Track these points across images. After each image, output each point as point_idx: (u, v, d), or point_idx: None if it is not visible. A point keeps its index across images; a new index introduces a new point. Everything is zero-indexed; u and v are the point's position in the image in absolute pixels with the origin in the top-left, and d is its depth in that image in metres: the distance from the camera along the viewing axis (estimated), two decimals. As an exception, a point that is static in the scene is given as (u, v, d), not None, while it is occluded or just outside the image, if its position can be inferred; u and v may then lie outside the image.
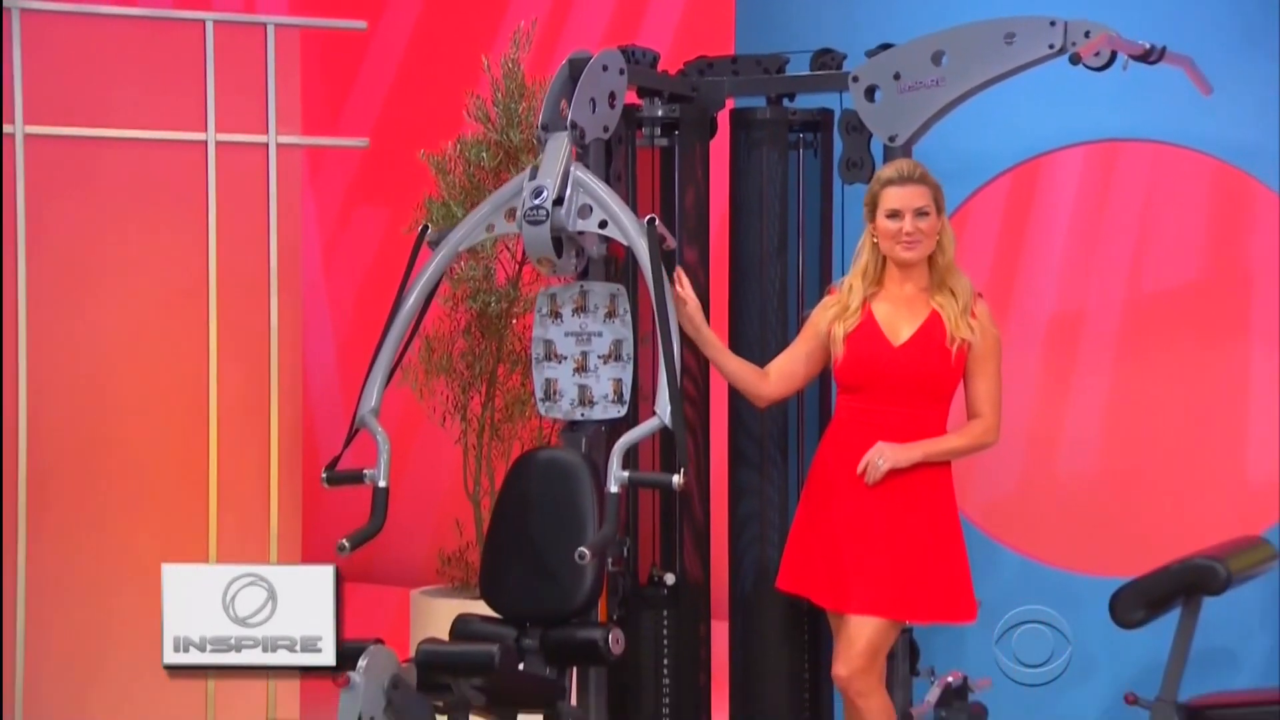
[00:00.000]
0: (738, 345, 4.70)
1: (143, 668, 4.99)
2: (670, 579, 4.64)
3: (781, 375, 4.30)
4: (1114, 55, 4.25)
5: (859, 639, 4.09)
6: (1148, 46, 4.26)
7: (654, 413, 4.11)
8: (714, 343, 4.34)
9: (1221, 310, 5.91)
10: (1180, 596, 4.36)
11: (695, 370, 4.67)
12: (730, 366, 4.33)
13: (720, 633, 4.81)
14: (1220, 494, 5.36)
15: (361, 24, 5.56)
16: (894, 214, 4.08)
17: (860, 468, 4.10)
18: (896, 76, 4.39)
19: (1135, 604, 4.39)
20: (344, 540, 4.26)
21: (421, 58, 8.72)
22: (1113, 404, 6.29)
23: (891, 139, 4.39)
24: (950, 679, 4.52)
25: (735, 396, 4.70)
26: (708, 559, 4.76)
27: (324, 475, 4.39)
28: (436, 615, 5.40)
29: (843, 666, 4.12)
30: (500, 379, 6.10)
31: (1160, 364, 6.06)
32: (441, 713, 3.98)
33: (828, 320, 4.21)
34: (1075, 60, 4.21)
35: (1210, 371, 5.89)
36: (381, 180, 8.26)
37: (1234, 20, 4.86)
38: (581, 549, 4.07)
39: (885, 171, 4.17)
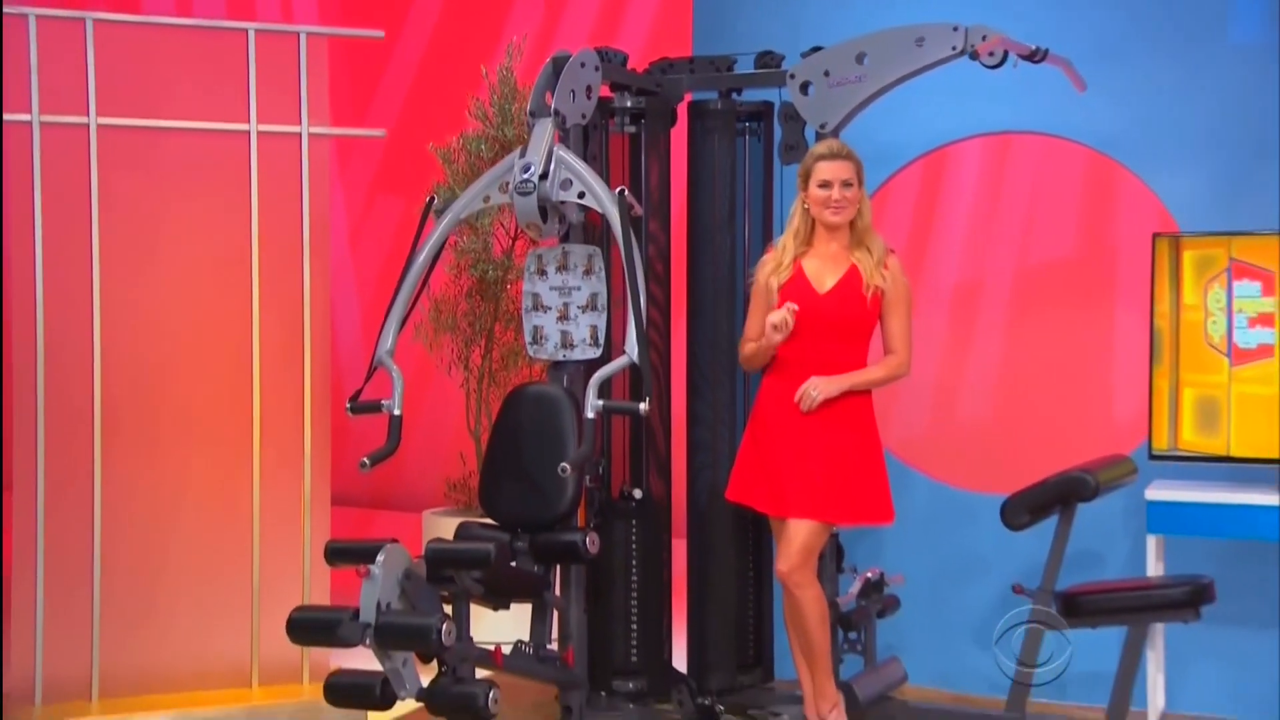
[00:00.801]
0: (695, 299, 4.76)
1: (198, 571, 5.06)
2: (638, 494, 4.71)
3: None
4: (1006, 55, 4.29)
5: (796, 539, 4.15)
6: (1033, 48, 4.31)
7: (624, 352, 4.17)
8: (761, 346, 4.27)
9: (1094, 278, 5.98)
10: (1058, 504, 4.41)
11: (660, 323, 4.72)
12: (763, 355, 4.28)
13: (679, 549, 4.86)
14: (1092, 428, 5.40)
15: (379, 33, 5.53)
16: (825, 184, 4.13)
17: (796, 397, 4.15)
18: (826, 74, 4.43)
19: (1021, 510, 4.43)
20: (365, 458, 4.29)
21: (433, 65, 8.75)
22: (1006, 355, 6.37)
23: (822, 126, 4.43)
24: (870, 575, 4.58)
25: (692, 342, 4.75)
26: (669, 478, 4.82)
27: (348, 405, 4.42)
28: (444, 530, 5.39)
29: (784, 563, 4.17)
30: (497, 335, 6.15)
31: (1044, 323, 6.13)
32: (446, 601, 4.00)
33: (766, 275, 4.25)
34: (974, 57, 4.26)
35: (1085, 329, 5.96)
36: (398, 170, 8.28)
37: (1103, 25, 4.88)
38: (564, 464, 4.13)
39: (818, 149, 4.21)
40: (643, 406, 4.09)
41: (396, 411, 4.37)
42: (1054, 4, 4.86)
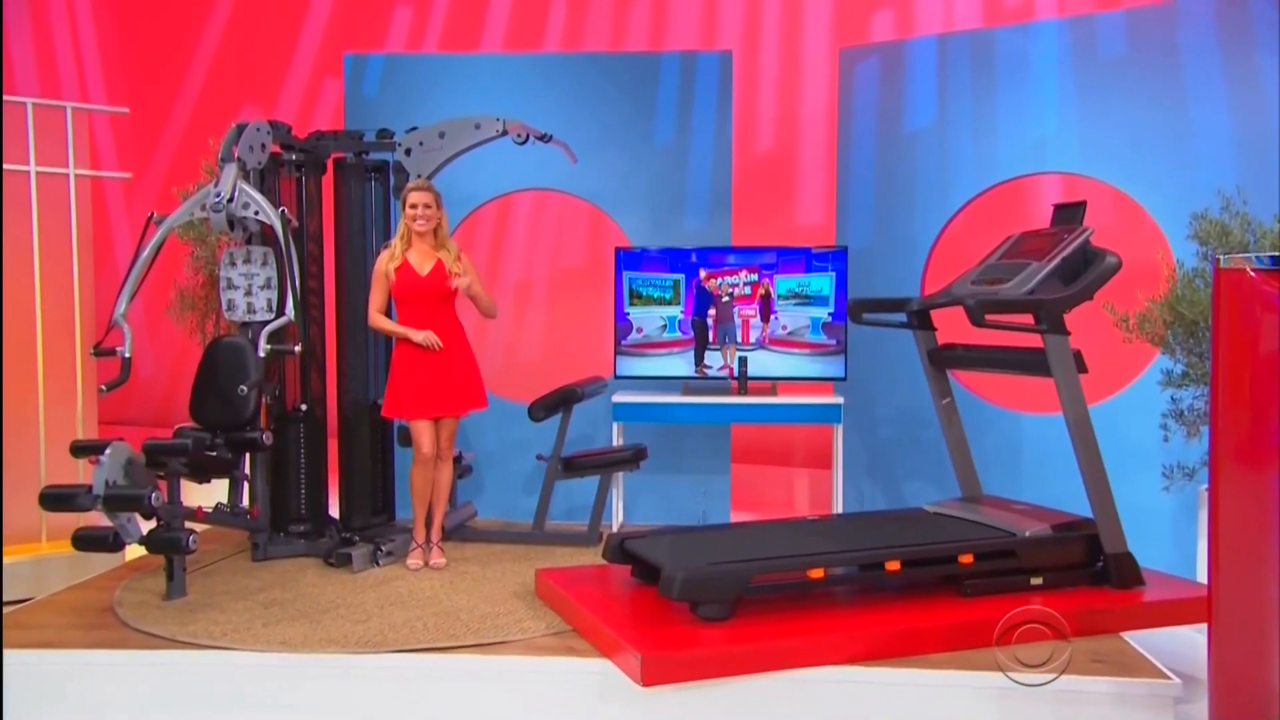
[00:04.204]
0: (340, 282, 4.40)
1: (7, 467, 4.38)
2: (304, 407, 4.33)
3: (386, 311, 4.01)
4: (528, 136, 4.20)
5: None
6: (543, 133, 4.23)
7: (284, 313, 3.82)
8: (399, 330, 3.94)
9: (597, 278, 6.01)
10: (560, 405, 4.39)
11: (316, 296, 4.35)
12: (394, 328, 3.97)
13: (333, 446, 4.51)
14: (589, 363, 5.41)
15: (124, 110, 4.88)
16: (414, 205, 3.93)
17: (428, 344, 3.90)
18: (421, 143, 4.23)
19: (539, 409, 4.39)
20: (102, 385, 3.80)
21: (188, 139, 7.96)
22: (547, 326, 6.36)
23: (419, 176, 4.20)
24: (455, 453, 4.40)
25: (339, 309, 4.41)
26: (325, 397, 4.45)
27: (92, 350, 3.89)
28: (183, 438, 4.82)
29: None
30: (221, 313, 5.53)
31: (566, 303, 6.15)
32: (161, 479, 3.56)
33: (384, 265, 3.98)
34: (505, 133, 4.16)
35: (586, 306, 6.01)
36: (161, 205, 7.46)
37: (588, 127, 4.89)
38: (242, 385, 3.76)
39: (410, 184, 4.00)
40: (297, 348, 3.79)
41: (127, 355, 3.84)
42: (561, 118, 4.78)
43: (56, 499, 3.42)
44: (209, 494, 3.98)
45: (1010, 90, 4.57)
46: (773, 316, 4.60)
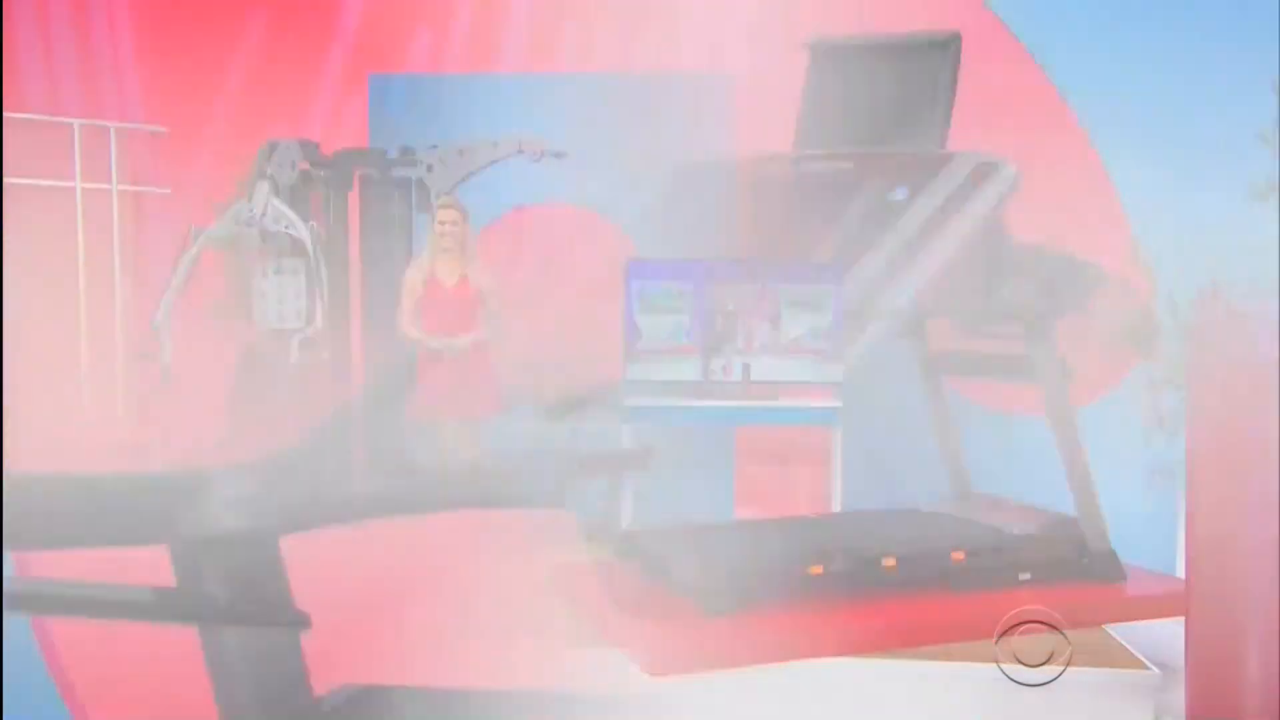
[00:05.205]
0: (369, 296, 4.42)
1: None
2: (332, 409, 4.36)
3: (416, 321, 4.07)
4: (543, 153, 4.24)
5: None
6: (558, 149, 4.27)
7: (314, 322, 3.89)
8: (421, 337, 4.01)
9: (608, 289, 5.92)
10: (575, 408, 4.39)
11: (343, 304, 4.39)
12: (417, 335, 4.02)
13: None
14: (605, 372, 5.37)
15: (163, 129, 4.94)
16: (442, 222, 3.97)
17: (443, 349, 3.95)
18: (441, 161, 4.33)
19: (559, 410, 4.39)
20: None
21: (224, 149, 7.96)
22: (561, 333, 6.30)
23: (441, 193, 4.24)
24: (472, 452, 4.43)
25: (366, 316, 4.44)
26: (352, 400, 4.50)
27: (134, 356, 3.93)
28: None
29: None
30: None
31: (583, 315, 6.07)
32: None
33: (412, 277, 4.03)
34: (521, 151, 4.21)
35: (604, 317, 5.93)
36: (198, 219, 7.55)
37: (605, 133, 4.86)
38: (274, 390, 3.78)
39: (439, 203, 4.08)
40: (325, 355, 3.83)
41: (166, 360, 3.90)
42: (574, 135, 4.73)
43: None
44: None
45: (1000, 109, 4.57)
46: (780, 324, 4.62)
